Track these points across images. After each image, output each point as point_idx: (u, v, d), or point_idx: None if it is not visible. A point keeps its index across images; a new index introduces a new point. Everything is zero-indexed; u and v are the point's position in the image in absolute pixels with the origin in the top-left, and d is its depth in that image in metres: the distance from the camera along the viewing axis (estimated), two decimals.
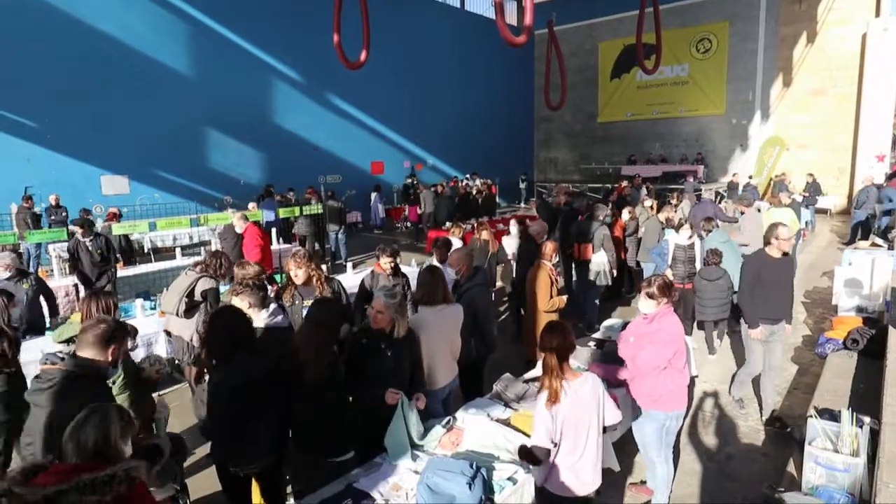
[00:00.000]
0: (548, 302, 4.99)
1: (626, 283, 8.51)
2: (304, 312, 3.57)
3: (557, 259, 5.13)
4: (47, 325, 5.64)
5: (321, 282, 4.20)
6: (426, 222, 14.75)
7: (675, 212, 8.76)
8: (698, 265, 6.31)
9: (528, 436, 3.08)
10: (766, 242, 4.52)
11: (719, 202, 14.53)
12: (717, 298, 5.85)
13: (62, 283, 7.82)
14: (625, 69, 23.04)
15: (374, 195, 16.86)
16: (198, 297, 4.68)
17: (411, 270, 6.71)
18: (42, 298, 5.71)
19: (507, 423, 3.32)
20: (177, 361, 5.46)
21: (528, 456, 2.69)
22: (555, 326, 2.74)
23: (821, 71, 18.32)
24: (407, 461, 2.92)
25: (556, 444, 2.65)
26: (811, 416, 3.65)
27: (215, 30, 14.47)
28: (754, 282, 4.44)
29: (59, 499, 1.57)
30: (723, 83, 20.68)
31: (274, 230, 10.51)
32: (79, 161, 12.39)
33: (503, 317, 7.75)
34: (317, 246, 11.24)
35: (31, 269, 7.96)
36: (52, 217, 10.82)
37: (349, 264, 8.16)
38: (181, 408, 4.98)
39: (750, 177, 17.47)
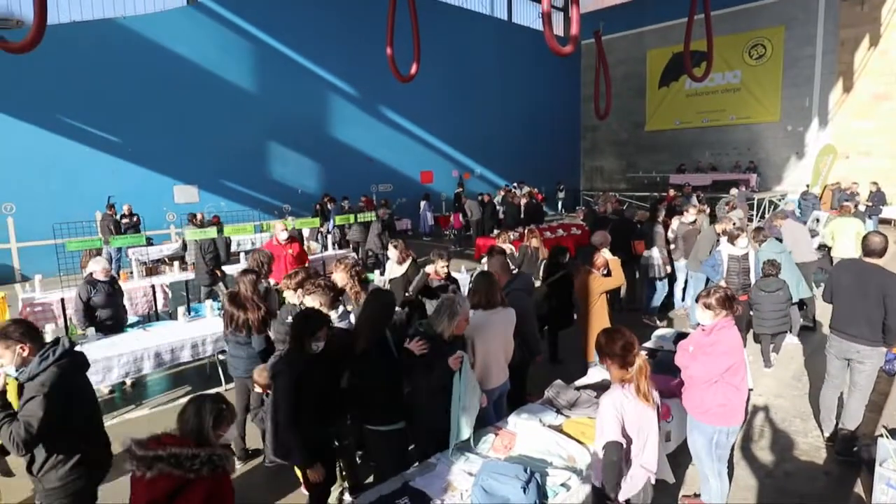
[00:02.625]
0: (596, 308, 4.95)
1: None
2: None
3: (605, 272, 5.09)
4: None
5: (356, 292, 4.43)
6: (473, 230, 15.10)
7: (729, 222, 8.71)
8: (753, 277, 6.20)
9: (581, 443, 3.20)
10: (871, 251, 4.15)
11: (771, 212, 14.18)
12: (775, 311, 5.73)
13: (140, 283, 8.43)
14: (673, 77, 22.79)
15: (423, 203, 17.34)
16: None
17: (461, 276, 7.01)
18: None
19: (559, 429, 3.37)
20: None
21: (608, 472, 2.57)
22: (613, 330, 2.79)
23: (884, 75, 17.63)
24: (461, 462, 3.04)
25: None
26: (881, 436, 3.46)
27: (278, 49, 15.37)
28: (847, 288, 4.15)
29: (154, 462, 1.94)
30: (777, 89, 20.16)
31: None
32: (155, 172, 13.41)
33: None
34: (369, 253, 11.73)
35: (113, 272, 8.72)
36: (126, 224, 11.75)
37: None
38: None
39: (807, 185, 16.96)
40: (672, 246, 7.98)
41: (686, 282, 7.90)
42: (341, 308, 3.99)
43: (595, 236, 6.41)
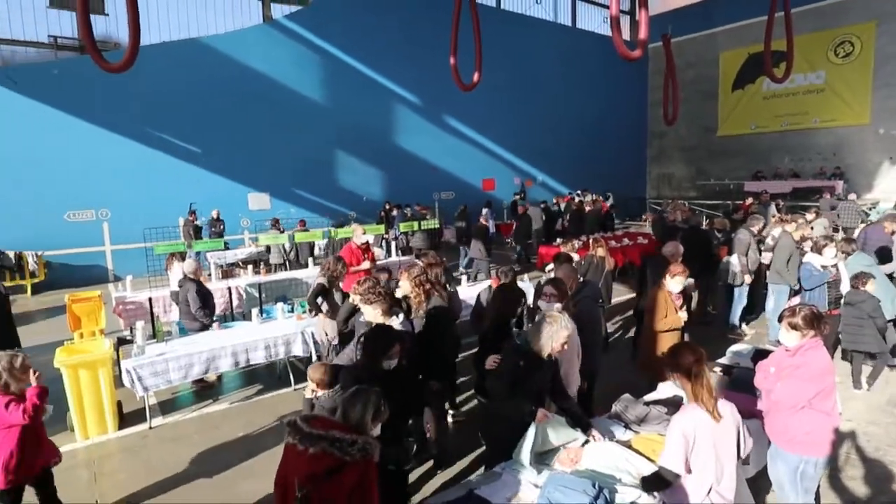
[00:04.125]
0: (665, 322, 4.79)
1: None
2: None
3: (686, 283, 4.83)
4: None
5: (419, 301, 4.51)
6: (534, 239, 14.94)
7: (810, 229, 8.20)
8: (843, 289, 5.79)
9: (651, 460, 3.05)
10: None
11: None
12: (865, 326, 5.36)
13: (217, 285, 8.83)
14: (749, 79, 21.68)
15: (485, 210, 17.36)
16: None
17: (524, 285, 6.95)
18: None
19: (627, 445, 3.28)
20: (317, 357, 6.24)
21: (655, 482, 2.62)
22: (684, 346, 2.72)
23: None
24: (527, 473, 3.01)
25: (689, 470, 2.54)
26: None
27: (346, 62, 15.94)
28: None
29: (317, 441, 2.17)
30: (867, 90, 18.71)
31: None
32: (230, 180, 14.22)
33: (615, 335, 7.76)
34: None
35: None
36: (213, 229, 12.52)
37: (463, 278, 8.55)
38: None
39: None
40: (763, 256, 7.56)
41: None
42: (401, 315, 4.04)
43: (666, 247, 6.19)
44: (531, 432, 3.05)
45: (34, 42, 12.57)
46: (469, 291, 7.32)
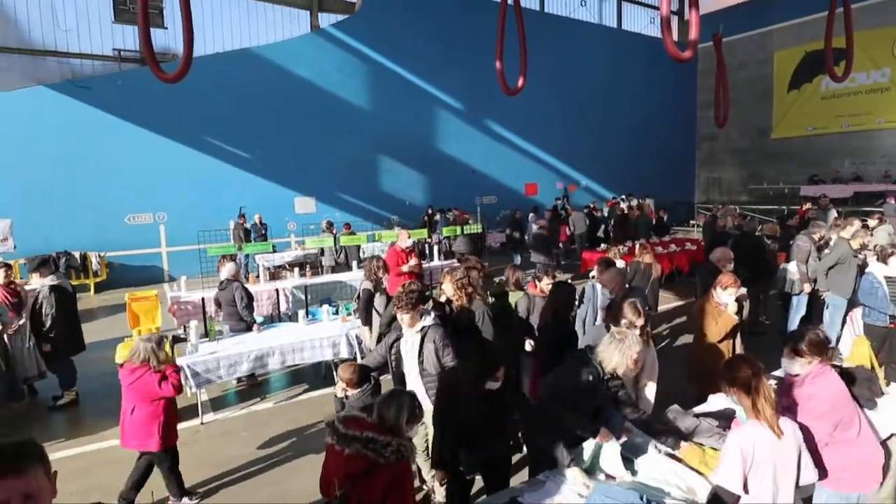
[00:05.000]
0: (714, 333, 4.57)
1: None
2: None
3: (737, 292, 4.56)
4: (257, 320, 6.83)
5: (462, 304, 4.50)
6: (578, 243, 14.73)
7: (871, 236, 7.73)
8: None
9: (702, 474, 2.96)
10: None
11: None
12: None
13: (265, 287, 9.11)
14: (806, 79, 20.72)
15: (531, 215, 17.21)
16: (354, 302, 5.64)
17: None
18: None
19: (675, 456, 3.19)
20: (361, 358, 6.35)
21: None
22: (741, 358, 2.62)
23: None
24: (573, 483, 2.95)
25: (746, 490, 2.44)
26: None
27: (389, 68, 16.19)
28: None
29: (352, 441, 2.24)
30: None
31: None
32: (278, 185, 14.65)
33: (662, 344, 7.55)
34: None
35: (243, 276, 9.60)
36: (256, 233, 12.93)
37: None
38: None
39: None
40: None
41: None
42: (428, 319, 3.81)
43: (714, 253, 5.98)
44: (588, 447, 3.02)
45: (100, 55, 13.35)
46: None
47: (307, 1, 15.71)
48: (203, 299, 7.64)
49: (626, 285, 5.58)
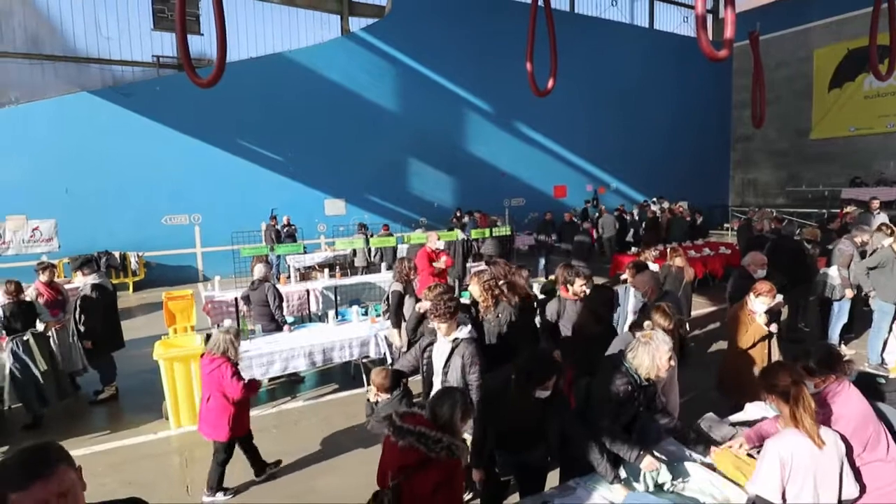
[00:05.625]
0: (746, 340, 4.45)
1: None
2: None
3: (771, 302, 4.40)
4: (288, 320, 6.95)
5: (487, 307, 4.49)
6: (607, 247, 14.54)
7: None
8: None
9: (738, 484, 2.87)
10: None
11: None
12: None
13: (296, 287, 9.24)
14: (848, 77, 19.97)
15: (585, 225, 16.99)
16: (383, 304, 5.66)
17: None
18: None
19: (709, 465, 3.11)
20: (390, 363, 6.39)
21: None
22: (779, 366, 2.57)
23: None
24: (603, 489, 2.91)
25: (784, 500, 2.39)
26: None
27: (418, 70, 16.29)
28: None
29: (406, 434, 2.32)
30: None
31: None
32: (309, 187, 14.89)
33: (694, 349, 7.38)
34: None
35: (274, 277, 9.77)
36: (285, 234, 13.17)
37: (536, 285, 8.44)
38: None
39: None
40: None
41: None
42: (463, 331, 3.69)
43: (746, 257, 5.83)
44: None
45: (140, 62, 13.82)
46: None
47: (338, 5, 15.93)
48: (236, 299, 7.81)
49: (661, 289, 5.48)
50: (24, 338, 5.48)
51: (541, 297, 4.93)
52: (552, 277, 5.67)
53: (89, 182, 12.37)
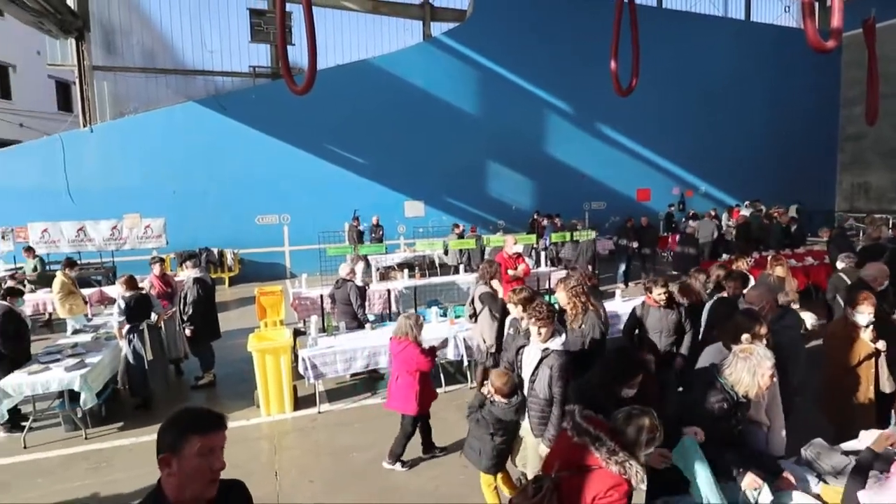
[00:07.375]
0: (850, 359, 4.05)
1: None
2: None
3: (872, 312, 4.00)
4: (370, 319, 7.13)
5: (576, 315, 4.40)
6: (700, 252, 13.71)
7: None
8: None
9: None
10: None
11: None
12: None
13: (377, 287, 9.46)
14: None
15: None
16: (478, 303, 5.68)
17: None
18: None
19: (817, 497, 2.86)
20: (468, 362, 6.43)
21: None
22: None
23: None
24: None
25: None
26: None
27: (498, 72, 16.24)
28: None
29: (582, 432, 2.32)
30: None
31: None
32: (390, 189, 15.29)
33: None
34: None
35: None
36: (373, 234, 13.60)
37: (618, 291, 8.18)
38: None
39: None
40: None
41: None
42: (556, 341, 3.62)
43: (867, 269, 5.26)
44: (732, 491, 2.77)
45: (238, 72, 14.87)
46: (622, 307, 7.00)
47: (420, 11, 16.27)
48: (321, 296, 8.17)
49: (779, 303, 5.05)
50: (140, 328, 6.05)
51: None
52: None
53: (194, 184, 13.46)
